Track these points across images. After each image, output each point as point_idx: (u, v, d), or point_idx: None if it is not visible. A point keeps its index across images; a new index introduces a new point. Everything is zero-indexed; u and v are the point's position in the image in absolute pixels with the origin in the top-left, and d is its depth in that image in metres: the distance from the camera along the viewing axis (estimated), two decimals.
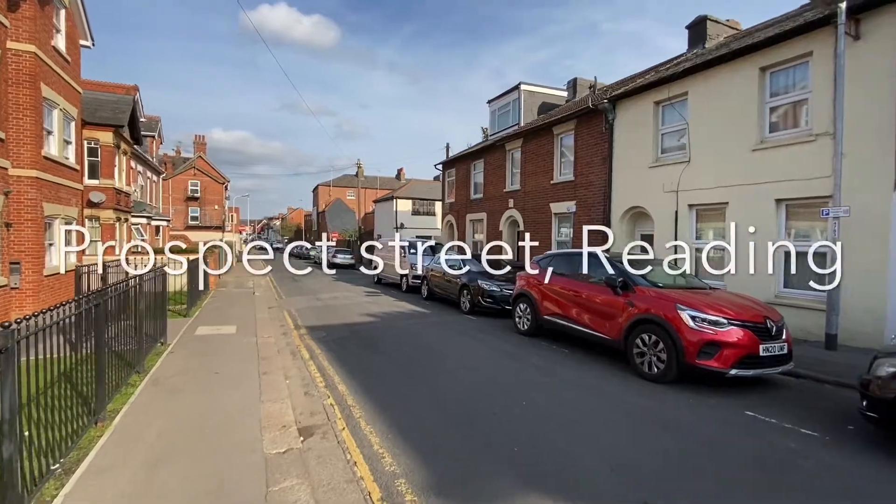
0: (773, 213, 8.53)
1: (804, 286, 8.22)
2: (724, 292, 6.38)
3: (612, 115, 12.10)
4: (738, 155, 9.05)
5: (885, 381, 3.61)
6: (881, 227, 7.00)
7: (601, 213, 12.45)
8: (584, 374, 5.96)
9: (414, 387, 5.45)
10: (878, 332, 7.05)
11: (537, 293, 8.00)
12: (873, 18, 7.09)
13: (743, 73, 8.97)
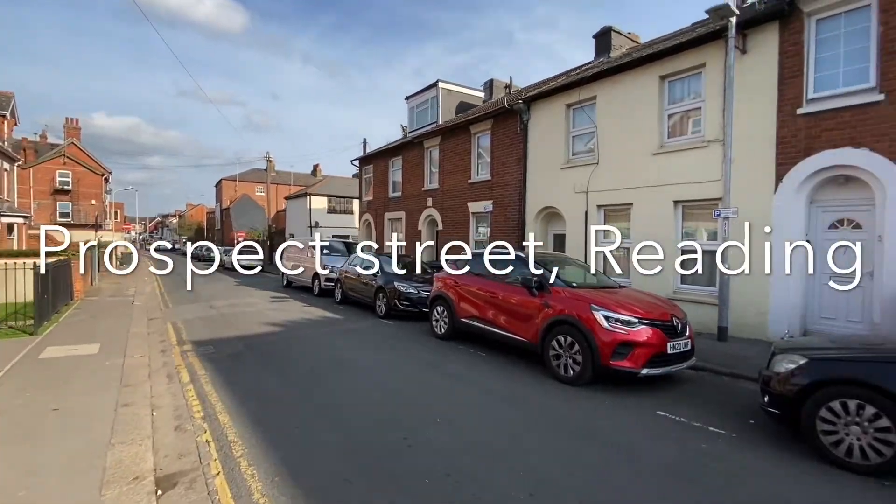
0: (671, 213, 9.06)
1: (700, 282, 8.85)
2: (632, 290, 6.52)
3: (526, 115, 12.22)
4: (641, 158, 9.51)
5: (785, 378, 3.71)
6: (763, 226, 7.66)
7: (517, 213, 12.53)
8: (501, 381, 5.68)
9: (316, 411, 4.74)
10: (762, 324, 7.73)
11: (454, 295, 7.65)
12: (758, 34, 7.75)
13: (645, 81, 9.44)
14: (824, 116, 7.01)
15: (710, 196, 8.38)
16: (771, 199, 7.59)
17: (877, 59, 6.55)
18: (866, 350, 3.60)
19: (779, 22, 7.46)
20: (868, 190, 6.77)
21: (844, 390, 3.34)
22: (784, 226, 7.46)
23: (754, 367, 6.26)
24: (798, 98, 7.29)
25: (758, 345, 7.44)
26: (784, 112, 7.45)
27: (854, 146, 6.73)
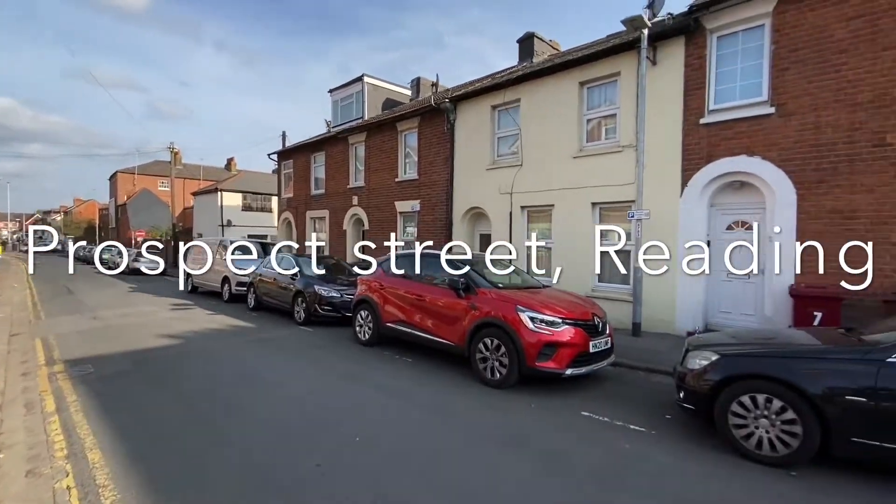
0: (589, 215, 9.40)
1: (615, 280, 9.27)
2: (555, 290, 6.57)
3: (453, 115, 12.09)
4: (562, 161, 9.77)
5: (699, 374, 3.82)
6: (672, 228, 8.18)
7: (444, 213, 12.37)
8: (427, 389, 5.39)
9: (215, 440, 4.07)
10: (670, 319, 8.23)
11: (379, 298, 7.23)
12: (667, 47, 8.26)
13: (565, 86, 9.71)
14: (723, 126, 7.63)
15: (624, 198, 8.80)
16: (678, 202, 8.13)
17: (769, 75, 7.24)
18: (767, 345, 3.80)
19: (685, 37, 8.01)
20: (760, 194, 7.47)
21: (754, 385, 3.48)
22: (689, 227, 8.02)
23: (666, 360, 6.63)
24: (701, 109, 7.88)
25: (668, 338, 7.92)
26: (689, 121, 8.01)
27: (749, 154, 7.39)
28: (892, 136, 6.22)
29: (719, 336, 4.44)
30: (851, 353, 3.23)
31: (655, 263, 8.22)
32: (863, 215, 6.45)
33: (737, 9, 7.45)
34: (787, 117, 7.02)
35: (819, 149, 6.77)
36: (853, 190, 6.52)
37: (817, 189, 6.80)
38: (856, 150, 6.49)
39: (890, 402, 2.98)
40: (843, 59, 6.56)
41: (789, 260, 7.02)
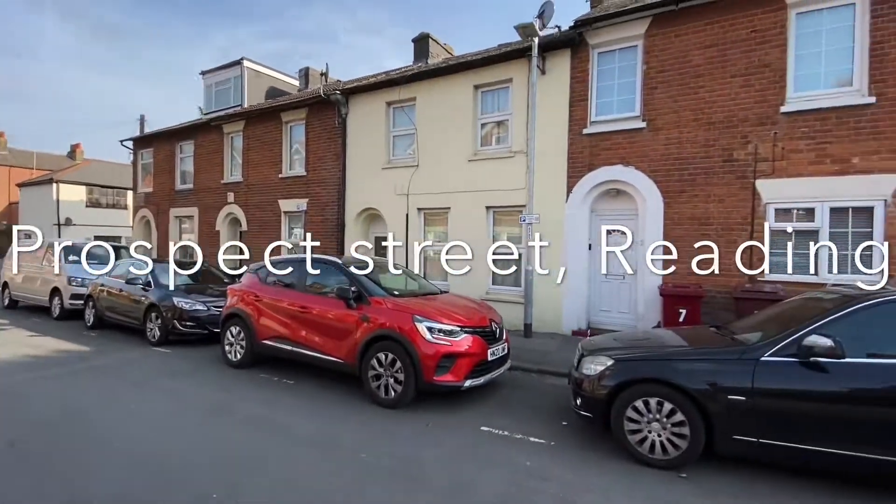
0: (484, 218, 9.40)
1: (508, 283, 9.38)
2: (451, 296, 6.28)
3: (345, 109, 11.30)
4: (458, 163, 9.64)
5: (595, 381, 3.76)
6: (559, 232, 8.49)
7: (335, 213, 11.49)
8: (312, 417, 4.65)
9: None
10: (558, 319, 8.53)
11: (254, 311, 6.22)
12: (555, 57, 8.56)
13: (461, 88, 9.61)
14: (603, 137, 8.13)
15: (517, 203, 8.94)
16: (564, 208, 8.47)
17: (641, 93, 7.87)
18: (655, 349, 3.88)
19: (570, 50, 8.39)
20: (633, 202, 8.10)
21: (648, 389, 3.49)
22: (573, 231, 8.40)
23: (557, 361, 6.78)
24: (584, 119, 8.31)
25: (556, 337, 8.19)
26: (574, 131, 8.40)
27: (624, 165, 7.96)
28: (738, 153, 7.14)
29: (606, 340, 4.50)
30: (730, 353, 3.38)
31: (544, 265, 8.47)
32: (715, 222, 7.30)
33: (614, 28, 8.00)
34: (656, 132, 7.71)
35: (681, 162, 7.53)
36: (707, 199, 7.35)
37: (679, 198, 7.55)
38: (710, 165, 7.33)
39: (765, 400, 3.16)
40: (700, 82, 7.38)
41: (657, 262, 7.69)
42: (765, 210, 7.00)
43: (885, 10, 6.28)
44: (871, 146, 6.36)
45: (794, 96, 6.85)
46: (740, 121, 7.11)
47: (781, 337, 3.28)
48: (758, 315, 4.43)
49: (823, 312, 3.32)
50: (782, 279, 6.87)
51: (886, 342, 3.13)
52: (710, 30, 7.30)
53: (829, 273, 6.66)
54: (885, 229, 6.33)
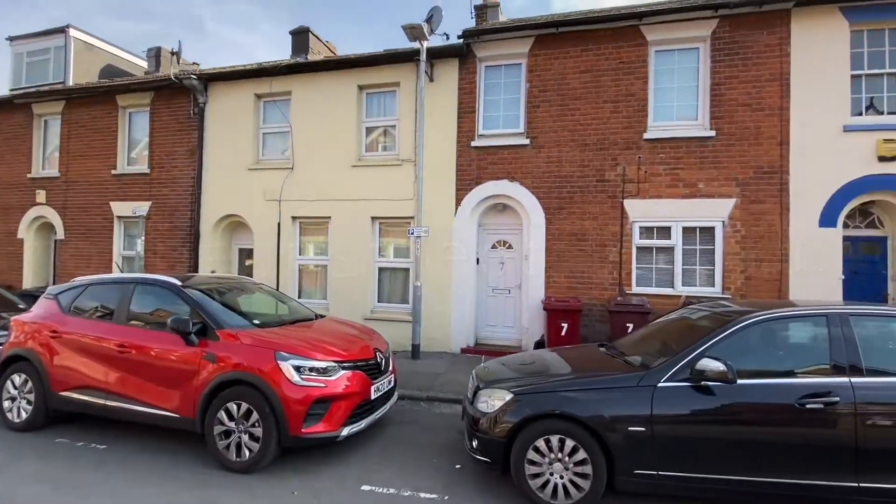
0: (369, 230, 8.67)
1: (395, 300, 8.74)
2: (329, 321, 5.42)
3: (203, 97, 9.61)
4: (340, 169, 8.77)
5: (494, 418, 3.32)
6: (447, 246, 8.15)
7: (188, 220, 9.65)
8: (129, 499, 3.41)
9: None
10: (446, 336, 8.14)
11: (49, 352, 4.58)
12: (444, 66, 8.28)
13: (344, 87, 8.80)
14: (490, 151, 8.05)
15: (404, 214, 8.40)
16: (453, 221, 8.18)
17: (525, 110, 7.98)
18: (554, 378, 3.58)
19: (459, 60, 8.19)
20: (518, 217, 8.13)
21: (549, 425, 3.16)
22: (462, 245, 8.14)
23: (447, 384, 6.35)
24: (472, 132, 8.15)
25: (445, 357, 7.79)
26: (462, 142, 8.19)
27: (510, 180, 7.96)
28: (608, 174, 7.58)
29: (499, 368, 4.11)
30: (629, 380, 3.21)
31: (433, 281, 8.06)
32: (590, 237, 7.65)
33: (500, 44, 8.02)
34: (539, 150, 7.86)
35: (561, 179, 7.77)
36: (584, 216, 7.68)
37: (559, 214, 7.77)
38: (585, 183, 7.67)
39: (664, 428, 3.02)
40: (577, 104, 7.71)
41: (540, 276, 7.80)
42: (632, 227, 7.53)
43: (721, 56, 7.23)
44: (712, 174, 7.24)
45: (653, 125, 7.53)
46: (611, 144, 7.59)
47: (674, 361, 3.20)
48: (641, 331, 4.49)
49: (708, 333, 3.35)
50: (648, 292, 7.43)
51: (768, 360, 3.25)
52: (585, 56, 7.70)
53: (683, 287, 7.40)
54: (723, 247, 7.22)
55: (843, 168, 6.81)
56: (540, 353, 4.38)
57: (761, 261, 7.06)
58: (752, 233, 7.09)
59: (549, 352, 4.49)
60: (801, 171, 6.93)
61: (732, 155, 7.17)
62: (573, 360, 3.97)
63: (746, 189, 7.11)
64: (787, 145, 6.98)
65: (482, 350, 8.04)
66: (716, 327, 3.35)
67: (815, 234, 6.90)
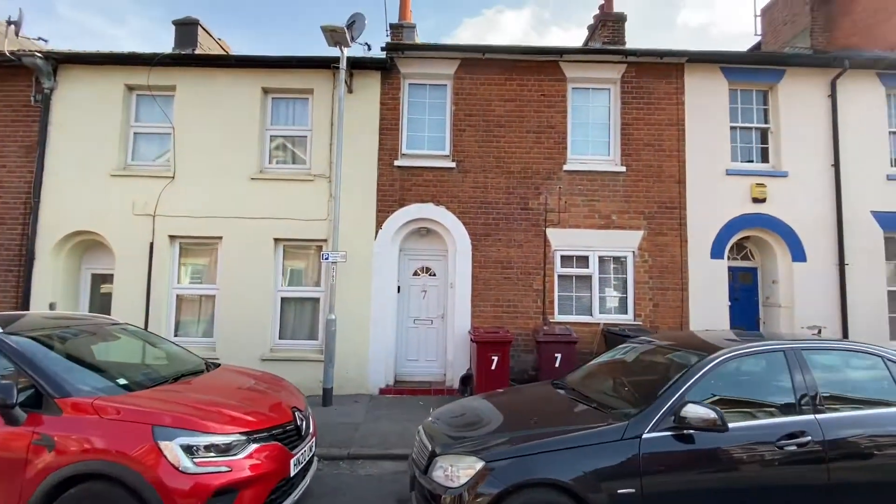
0: (271, 253, 7.48)
1: (300, 335, 7.60)
2: (226, 372, 4.26)
3: (50, 82, 7.58)
4: (236, 181, 7.49)
5: (463, 494, 2.67)
6: (366, 272, 7.34)
7: (18, 237, 7.39)
8: None
9: None
10: (363, 375, 7.23)
11: None
12: (365, 78, 7.63)
13: (246, 88, 7.62)
14: (415, 172, 7.55)
15: (315, 236, 7.43)
16: (372, 245, 7.43)
17: (450, 133, 7.68)
18: (527, 437, 3.05)
19: (381, 74, 7.64)
20: (443, 242, 7.70)
21: (533, 496, 2.61)
22: (382, 272, 7.42)
23: (369, 436, 5.47)
24: (395, 150, 7.59)
25: (361, 400, 6.88)
26: (384, 161, 7.57)
27: (435, 203, 7.52)
28: (532, 202, 7.58)
29: (448, 424, 3.47)
30: (612, 432, 2.84)
31: (349, 312, 7.18)
32: (516, 265, 7.51)
33: (425, 63, 7.69)
34: (465, 174, 7.59)
35: (487, 206, 7.56)
36: (509, 244, 7.53)
37: (486, 241, 7.53)
38: (510, 211, 7.57)
39: (653, 486, 2.68)
40: (502, 132, 7.65)
41: (466, 305, 7.40)
42: (554, 255, 7.57)
43: (629, 98, 7.78)
44: (623, 206, 7.64)
45: (572, 157, 7.76)
46: (534, 173, 7.63)
47: (654, 408, 2.92)
48: (591, 367, 4.25)
49: (675, 371, 3.17)
50: (569, 320, 7.47)
51: (741, 398, 3.16)
52: (510, 85, 7.72)
53: (600, 314, 7.59)
54: (634, 276, 7.60)
55: (726, 206, 7.68)
56: (491, 402, 3.85)
57: (666, 289, 7.57)
58: (658, 263, 7.58)
59: (480, 402, 3.92)
60: (696, 207, 7.65)
61: (640, 190, 7.67)
62: (538, 408, 3.53)
63: (652, 222, 7.63)
64: (683, 184, 7.69)
65: (404, 389, 7.30)
66: (684, 364, 3.19)
67: (708, 265, 7.61)
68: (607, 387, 3.76)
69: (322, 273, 7.55)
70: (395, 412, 6.37)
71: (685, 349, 3.48)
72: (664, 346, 3.77)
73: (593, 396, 3.46)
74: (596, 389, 3.66)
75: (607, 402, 3.28)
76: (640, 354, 3.97)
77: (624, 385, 3.63)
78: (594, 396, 3.46)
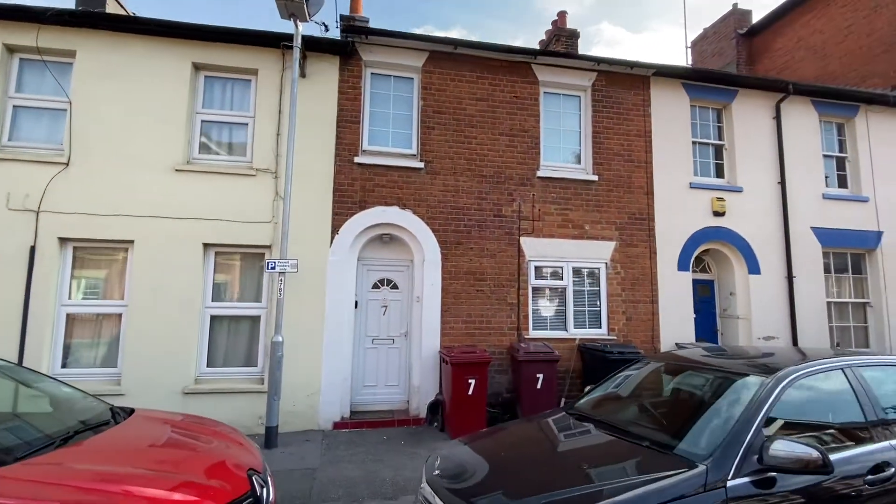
0: (199, 261, 6.13)
1: (234, 361, 6.28)
2: (147, 422, 3.08)
3: None
4: (154, 172, 6.10)
5: None
6: (319, 285, 6.27)
7: None
8: None
9: None
10: (313, 408, 6.09)
11: None
12: (321, 62, 6.65)
13: (171, 61, 6.30)
14: (377, 172, 6.68)
15: (257, 242, 6.23)
16: (327, 253, 6.39)
17: (418, 130, 6.93)
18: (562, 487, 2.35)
19: (340, 59, 6.73)
20: (408, 251, 6.85)
21: None
22: (338, 284, 6.39)
23: (331, 487, 4.42)
24: (356, 146, 6.67)
25: (313, 439, 5.75)
26: (342, 157, 6.61)
27: (401, 207, 6.68)
28: (505, 209, 7.03)
29: (462, 483, 2.68)
30: (687, 482, 2.21)
31: (299, 333, 6.05)
32: (489, 277, 6.87)
33: (391, 52, 6.92)
34: (434, 175, 6.86)
35: (458, 211, 6.88)
36: (482, 253, 6.89)
37: (457, 250, 6.82)
38: (483, 217, 6.95)
39: None
40: (473, 133, 7.06)
41: (435, 321, 6.60)
42: (528, 267, 7.05)
43: (600, 107, 7.61)
44: (595, 216, 7.37)
45: (545, 163, 7.38)
46: (507, 178, 7.11)
47: (729, 446, 2.35)
48: (606, 391, 3.66)
49: (742, 396, 2.66)
50: (543, 335, 6.94)
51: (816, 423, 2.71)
52: (482, 84, 7.19)
53: (575, 329, 7.17)
54: (607, 288, 7.31)
55: (691, 219, 7.72)
56: (506, 444, 3.09)
57: (638, 301, 7.36)
58: (630, 275, 7.37)
59: (520, 434, 3.22)
60: (663, 219, 7.59)
61: (611, 200, 7.46)
62: (578, 451, 2.84)
63: (624, 233, 7.43)
64: (652, 195, 7.61)
65: (362, 422, 6.26)
66: (761, 388, 2.68)
67: (676, 277, 7.55)
68: (643, 416, 3.17)
69: (264, 286, 6.34)
70: (357, 452, 5.34)
71: (736, 369, 3.00)
72: (702, 364, 3.29)
73: (633, 430, 2.84)
74: (628, 420, 3.06)
75: (656, 438, 2.68)
76: (668, 375, 3.47)
77: (664, 413, 3.07)
78: (634, 430, 2.84)
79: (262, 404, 5.73)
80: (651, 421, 3.07)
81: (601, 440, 2.91)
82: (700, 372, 3.27)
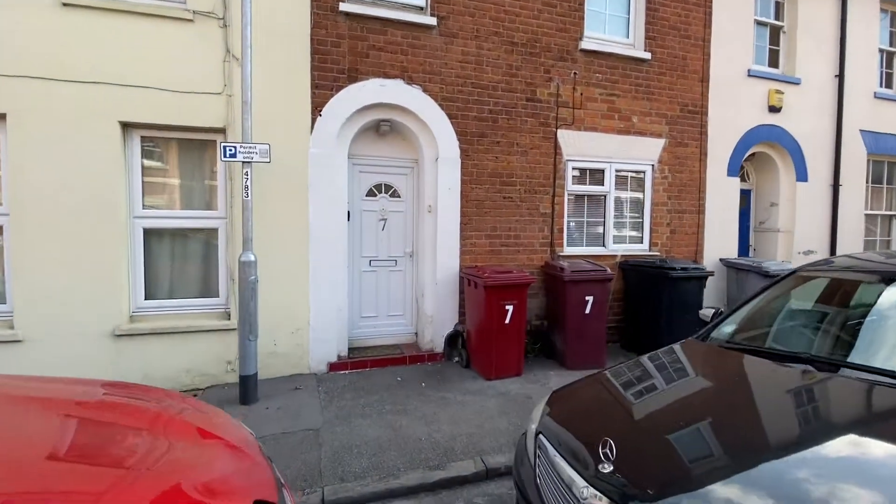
0: (118, 149, 4.17)
1: (188, 291, 4.60)
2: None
3: None
4: (35, 9, 3.87)
5: None
6: (299, 186, 4.54)
7: None
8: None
9: None
10: (301, 346, 4.63)
11: None
12: None
13: None
14: (373, 28, 4.73)
15: (202, 122, 4.30)
16: (307, 142, 4.59)
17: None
18: None
19: None
20: (411, 146, 5.17)
21: None
22: (324, 186, 4.67)
23: (343, 453, 3.07)
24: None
25: (304, 384, 4.36)
26: (322, 4, 4.58)
27: (407, 81, 4.87)
28: (541, 91, 5.40)
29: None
30: None
31: (275, 252, 4.42)
32: (518, 181, 5.39)
33: None
34: (450, 38, 5.02)
35: (482, 91, 5.17)
36: (511, 150, 5.33)
37: (480, 144, 5.21)
38: (513, 101, 5.30)
39: None
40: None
41: (454, 236, 5.14)
42: (565, 168, 5.62)
43: None
44: (645, 107, 5.92)
45: (589, 34, 5.69)
46: (543, 49, 5.40)
47: None
48: (755, 310, 2.45)
49: None
50: (579, 253, 5.71)
51: None
52: None
53: (614, 245, 5.99)
54: (652, 196, 6.08)
55: (745, 114, 6.48)
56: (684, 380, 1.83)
57: (683, 212, 6.23)
58: (677, 180, 6.16)
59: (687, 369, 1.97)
60: (717, 113, 6.29)
61: (663, 86, 6.00)
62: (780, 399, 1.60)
63: (674, 129, 6.09)
64: (707, 83, 6.22)
65: (365, 360, 4.91)
66: None
67: (724, 184, 6.45)
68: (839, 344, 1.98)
69: (220, 188, 4.53)
70: (370, 402, 4.03)
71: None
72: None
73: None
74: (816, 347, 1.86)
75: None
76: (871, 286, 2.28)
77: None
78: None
79: (231, 346, 4.22)
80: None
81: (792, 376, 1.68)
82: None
